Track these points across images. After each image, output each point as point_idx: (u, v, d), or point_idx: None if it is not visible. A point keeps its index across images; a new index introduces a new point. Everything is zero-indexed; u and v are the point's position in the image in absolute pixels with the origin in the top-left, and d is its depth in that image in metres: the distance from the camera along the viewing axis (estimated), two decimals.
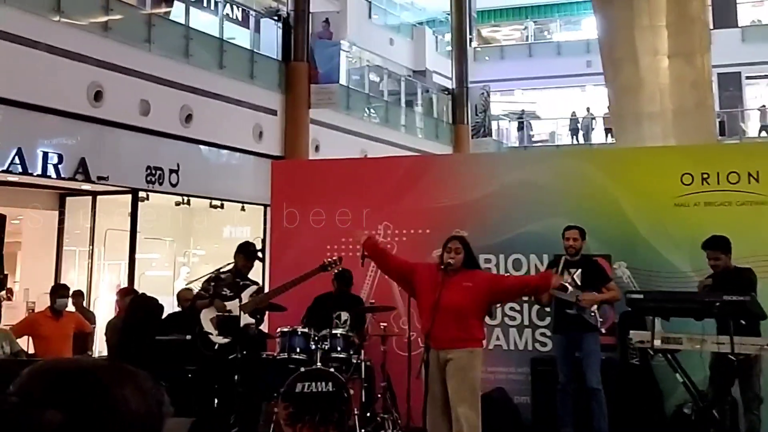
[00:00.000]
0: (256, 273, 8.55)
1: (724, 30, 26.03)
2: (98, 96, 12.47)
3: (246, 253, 7.68)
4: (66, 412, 1.14)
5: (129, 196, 13.41)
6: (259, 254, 8.10)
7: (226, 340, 7.22)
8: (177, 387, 8.06)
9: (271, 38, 18.13)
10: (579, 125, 28.29)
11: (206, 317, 7.34)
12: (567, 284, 7.40)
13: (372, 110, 21.94)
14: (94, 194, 13.53)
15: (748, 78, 27.38)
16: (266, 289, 8.29)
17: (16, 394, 1.17)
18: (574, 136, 28.27)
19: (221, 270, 7.69)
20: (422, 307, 6.35)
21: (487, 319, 6.77)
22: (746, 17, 28.42)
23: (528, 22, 33.60)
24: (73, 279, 13.24)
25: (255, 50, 17.24)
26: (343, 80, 19.63)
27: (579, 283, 7.51)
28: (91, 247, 13.56)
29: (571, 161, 9.25)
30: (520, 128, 29.48)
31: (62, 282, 10.87)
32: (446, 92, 26.50)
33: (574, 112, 28.68)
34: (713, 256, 7.02)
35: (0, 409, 1.16)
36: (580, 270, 7.56)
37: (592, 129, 28.24)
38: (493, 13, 34.61)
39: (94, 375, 1.21)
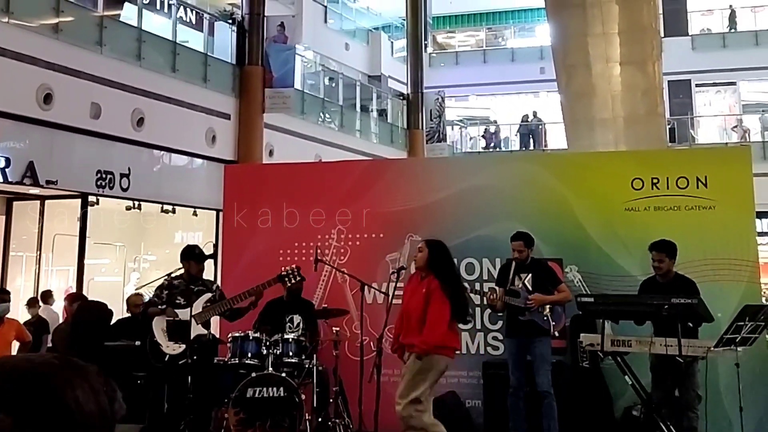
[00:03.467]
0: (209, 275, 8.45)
1: (674, 38, 26.45)
2: (48, 99, 12.25)
3: (195, 257, 7.56)
4: (15, 416, 1.12)
5: (78, 201, 13.17)
6: (209, 254, 7.96)
7: (177, 352, 7.11)
8: (126, 393, 7.94)
9: (225, 42, 17.98)
10: (529, 130, 28.60)
11: (158, 326, 7.22)
12: (519, 290, 7.49)
13: (327, 115, 21.89)
14: (42, 198, 13.28)
15: (698, 85, 27.82)
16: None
17: None
18: (524, 143, 28.52)
19: (173, 275, 7.58)
20: None
21: None
22: (696, 26, 28.90)
23: (482, 28, 33.82)
24: (20, 285, 13.01)
25: (209, 54, 17.06)
26: (298, 84, 19.54)
27: (530, 287, 7.57)
28: (38, 252, 13.31)
29: (524, 166, 9.33)
30: (487, 138, 29.58)
31: (7, 288, 10.58)
32: (401, 97, 26.55)
33: (525, 116, 28.94)
34: (658, 258, 7.15)
35: None
36: (530, 274, 7.62)
37: (539, 133, 28.58)
38: (448, 19, 34.80)
39: (44, 375, 1.18)
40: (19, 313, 10.82)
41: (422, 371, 6.28)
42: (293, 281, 7.68)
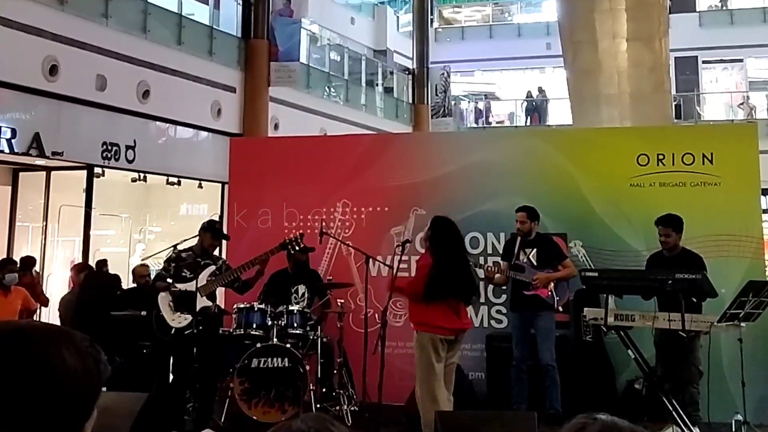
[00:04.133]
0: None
1: (682, 14, 26.28)
2: (53, 70, 12.24)
3: (213, 231, 7.54)
4: (1, 373, 1.15)
5: (84, 172, 13.19)
6: (225, 234, 8.00)
7: (182, 324, 7.14)
8: (132, 362, 8.04)
9: (230, 15, 17.92)
10: (534, 105, 28.55)
11: (164, 301, 7.25)
12: (524, 265, 7.53)
13: (332, 89, 21.84)
14: (48, 170, 13.31)
15: (704, 62, 27.68)
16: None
17: None
18: (529, 117, 28.46)
19: (179, 248, 7.58)
20: None
21: None
22: (704, 2, 28.73)
23: (489, 3, 33.62)
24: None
25: (214, 27, 17.01)
26: (303, 58, 19.49)
27: (535, 262, 7.61)
28: (44, 223, 13.35)
29: (529, 141, 9.33)
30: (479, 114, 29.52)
31: (14, 258, 10.64)
32: (407, 72, 26.48)
33: (529, 92, 28.86)
34: (665, 233, 7.16)
35: None
36: (535, 249, 7.65)
37: (545, 110, 28.54)
38: None
39: (29, 336, 1.21)
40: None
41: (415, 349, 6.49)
42: (296, 248, 7.69)
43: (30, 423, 1.15)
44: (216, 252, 7.86)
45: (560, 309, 7.68)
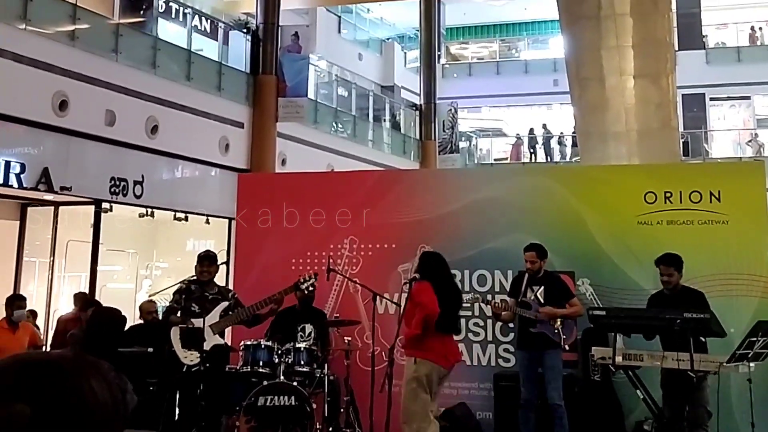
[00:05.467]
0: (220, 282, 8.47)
1: (689, 51, 26.40)
2: (63, 105, 12.34)
3: (199, 259, 7.57)
4: (34, 405, 1.15)
5: (92, 207, 13.24)
6: (222, 261, 7.98)
7: (194, 362, 7.12)
8: (139, 399, 7.98)
9: (239, 51, 18.07)
10: (537, 143, 28.65)
11: (176, 335, 7.24)
12: (530, 302, 7.50)
13: (339, 125, 21.95)
14: (56, 204, 13.37)
15: (712, 99, 27.77)
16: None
17: None
18: (532, 153, 28.53)
19: (187, 281, 7.58)
20: None
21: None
22: (711, 39, 28.88)
23: (496, 40, 33.86)
24: (33, 290, 13.07)
25: (223, 62, 17.16)
26: (311, 94, 19.62)
27: (542, 300, 7.58)
28: (51, 258, 13.38)
29: (537, 178, 9.33)
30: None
31: (21, 293, 10.67)
32: (414, 108, 26.60)
33: (531, 129, 28.96)
34: (666, 272, 7.14)
35: None
36: (543, 287, 7.62)
37: (551, 146, 28.64)
38: (461, 30, 34.87)
39: (60, 367, 1.22)
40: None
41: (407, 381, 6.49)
42: (310, 289, 7.70)
43: None
44: (224, 283, 7.86)
45: (567, 348, 7.63)
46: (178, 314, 7.36)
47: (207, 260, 7.68)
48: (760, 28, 28.78)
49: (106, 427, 1.21)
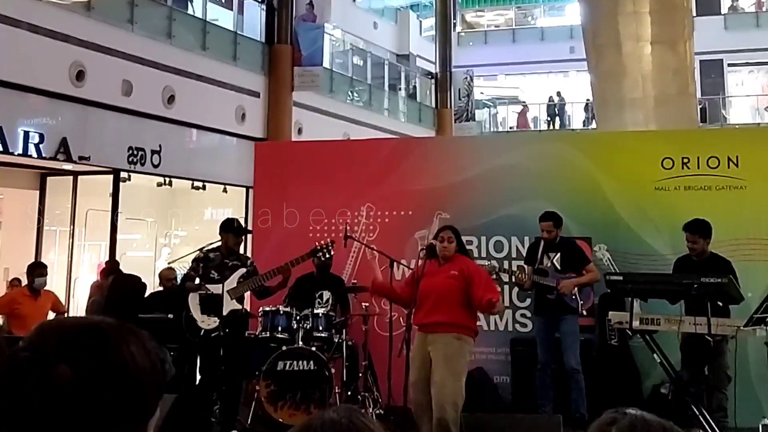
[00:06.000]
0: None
1: (706, 17, 26.11)
2: (80, 76, 12.39)
3: (233, 230, 7.56)
4: (75, 367, 1.16)
5: (110, 177, 13.33)
6: (247, 227, 7.99)
7: (212, 327, 7.18)
8: (175, 372, 8.10)
9: (254, 20, 18.05)
10: (555, 110, 28.53)
11: (193, 301, 7.29)
12: (547, 269, 7.52)
13: (355, 93, 21.91)
14: (75, 174, 13.47)
15: (729, 65, 27.51)
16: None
17: (28, 349, 1.19)
18: (551, 122, 28.41)
19: (207, 249, 7.62)
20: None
21: None
22: (728, 4, 28.56)
23: (512, 7, 33.58)
24: (53, 259, 13.20)
25: (238, 32, 17.15)
26: (326, 63, 19.58)
27: (559, 266, 7.59)
28: (71, 227, 13.50)
29: (553, 145, 9.31)
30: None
31: (42, 261, 10.78)
32: (430, 76, 26.50)
33: (551, 97, 28.82)
34: (692, 239, 7.09)
35: (12, 364, 1.18)
36: (559, 253, 7.64)
37: (566, 113, 28.51)
38: None
39: (102, 332, 1.23)
40: (53, 285, 11.02)
41: (462, 354, 6.31)
42: (326, 256, 7.75)
43: (101, 420, 1.17)
44: (242, 251, 7.90)
45: (584, 313, 7.66)
46: (196, 281, 7.41)
47: (242, 232, 7.71)
48: None
49: (144, 392, 1.23)
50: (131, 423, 1.21)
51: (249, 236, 9.17)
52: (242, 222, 9.65)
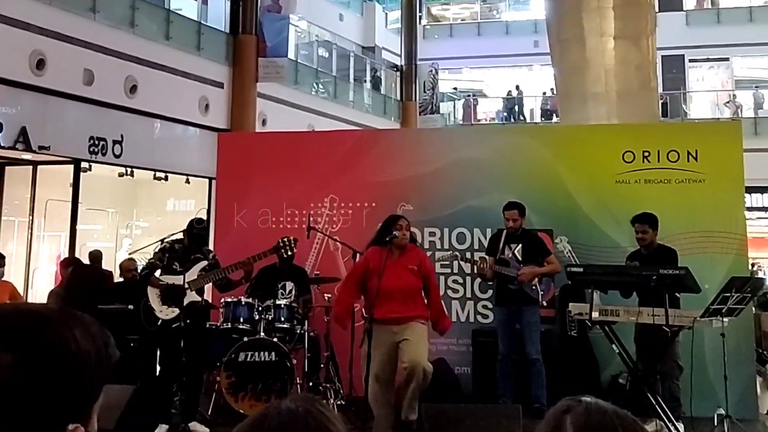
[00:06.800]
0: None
1: (669, 13, 26.36)
2: (41, 64, 12.23)
3: (189, 234, 7.51)
4: (16, 353, 1.14)
5: (71, 167, 13.18)
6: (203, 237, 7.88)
7: (170, 317, 7.13)
8: (120, 356, 8.03)
9: (219, 10, 17.92)
10: (515, 104, 28.64)
11: (153, 291, 7.24)
12: (509, 259, 7.57)
13: (320, 85, 21.86)
14: (34, 164, 13.29)
15: (691, 61, 27.81)
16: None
17: None
18: (510, 116, 28.49)
19: (172, 240, 7.55)
20: (372, 286, 6.45)
21: None
22: (691, 1, 28.87)
23: (477, 1, 33.66)
24: (12, 250, 13.01)
25: (202, 22, 17.02)
26: (291, 55, 19.51)
27: (520, 257, 7.64)
28: (30, 217, 13.32)
29: (516, 138, 9.39)
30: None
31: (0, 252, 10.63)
32: (395, 69, 26.51)
33: (509, 91, 28.93)
34: (641, 230, 7.22)
35: None
36: (521, 245, 7.68)
37: (523, 107, 28.65)
38: None
39: (44, 317, 1.21)
40: (12, 276, 10.87)
41: (425, 339, 6.55)
42: (289, 253, 7.73)
43: (43, 405, 1.16)
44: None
45: (545, 304, 7.74)
46: (158, 273, 7.36)
47: (199, 242, 7.63)
48: None
49: (89, 377, 1.21)
50: (76, 407, 1.20)
51: (210, 228, 9.10)
52: (204, 212, 9.58)
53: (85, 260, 10.18)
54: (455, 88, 30.75)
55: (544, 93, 27.27)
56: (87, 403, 1.22)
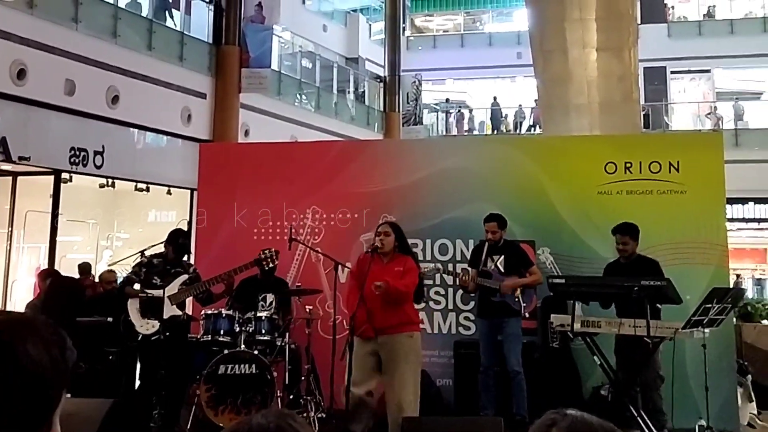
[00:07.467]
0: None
1: (651, 25, 26.53)
2: (21, 74, 12.14)
3: (175, 245, 7.51)
4: None
5: (51, 178, 13.07)
6: (188, 247, 7.91)
7: (150, 331, 7.09)
8: (98, 369, 7.97)
9: (202, 21, 17.87)
10: (500, 115, 28.74)
11: (133, 305, 7.20)
12: (491, 271, 7.56)
13: (303, 96, 21.83)
14: (14, 174, 13.17)
15: (673, 72, 27.98)
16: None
17: None
18: (495, 128, 28.58)
19: (149, 253, 7.53)
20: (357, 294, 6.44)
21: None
22: (673, 13, 29.08)
23: (460, 12, 33.79)
24: None
25: (185, 32, 16.96)
26: (275, 65, 19.48)
27: (502, 269, 7.63)
28: (10, 228, 13.19)
29: (499, 148, 9.39)
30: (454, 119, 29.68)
31: None
32: (378, 80, 26.53)
33: (494, 101, 29.02)
34: (623, 241, 7.24)
35: None
36: (503, 256, 7.67)
37: (503, 118, 28.72)
38: (426, 2, 34.69)
39: None
40: None
41: (416, 351, 6.47)
42: (270, 265, 7.71)
43: (2, 418, 1.14)
44: (186, 259, 7.82)
45: (527, 315, 7.72)
46: (136, 286, 7.32)
47: (182, 251, 7.64)
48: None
49: (44, 387, 1.19)
50: (34, 418, 1.18)
51: (192, 240, 9.07)
52: (186, 223, 9.54)
53: (69, 273, 10.10)
54: (447, 100, 30.82)
55: (520, 105, 27.45)
56: (47, 410, 1.21)
